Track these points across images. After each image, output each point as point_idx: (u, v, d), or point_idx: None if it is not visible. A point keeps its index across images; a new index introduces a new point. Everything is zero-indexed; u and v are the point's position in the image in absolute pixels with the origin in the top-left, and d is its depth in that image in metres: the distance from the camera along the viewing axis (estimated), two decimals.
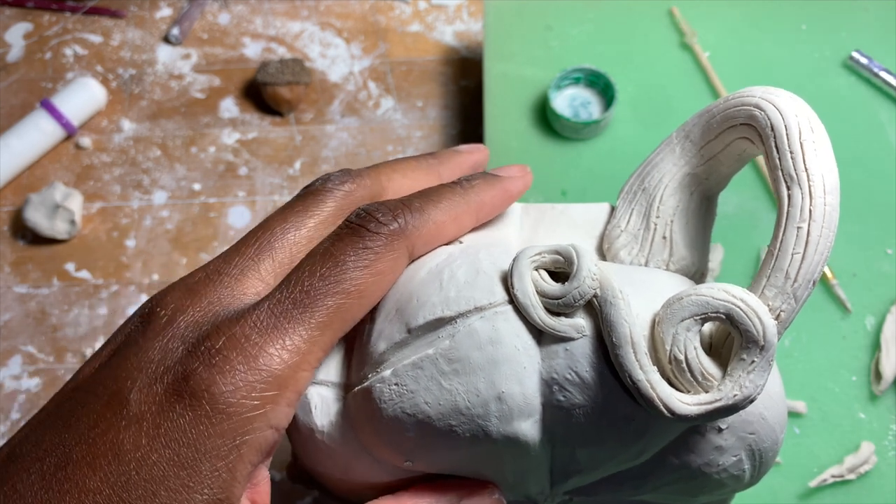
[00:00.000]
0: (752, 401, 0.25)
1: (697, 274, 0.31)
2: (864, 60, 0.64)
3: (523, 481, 0.29)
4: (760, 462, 0.30)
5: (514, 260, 0.28)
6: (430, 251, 0.30)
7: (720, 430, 0.28)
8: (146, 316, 0.26)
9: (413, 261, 0.30)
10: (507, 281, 0.28)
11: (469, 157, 0.34)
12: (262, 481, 0.25)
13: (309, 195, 0.29)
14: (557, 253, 0.28)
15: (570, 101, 0.64)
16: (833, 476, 0.51)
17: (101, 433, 0.23)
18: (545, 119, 0.64)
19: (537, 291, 0.27)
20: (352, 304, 0.26)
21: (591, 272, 0.27)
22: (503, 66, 0.66)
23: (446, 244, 0.31)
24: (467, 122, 0.73)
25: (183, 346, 0.25)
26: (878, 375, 0.54)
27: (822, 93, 0.64)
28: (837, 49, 0.66)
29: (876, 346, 0.55)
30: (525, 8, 0.69)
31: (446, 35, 0.78)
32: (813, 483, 0.51)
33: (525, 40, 0.68)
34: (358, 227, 0.27)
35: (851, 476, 0.51)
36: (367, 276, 0.26)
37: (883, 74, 0.63)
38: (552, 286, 0.27)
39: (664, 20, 0.68)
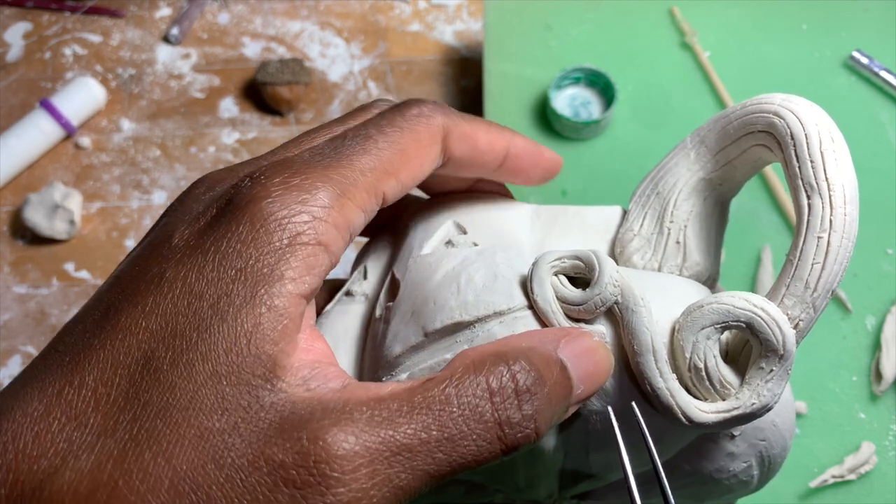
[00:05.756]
0: (769, 409, 0.25)
1: (710, 280, 0.31)
2: (864, 60, 0.64)
3: (534, 486, 0.29)
4: (769, 468, 0.30)
5: (533, 265, 0.27)
6: (463, 155, 0.29)
7: (733, 436, 0.28)
8: (186, 191, 0.26)
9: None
10: (525, 285, 0.27)
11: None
12: (318, 343, 0.24)
13: (356, 110, 0.29)
14: (577, 258, 0.27)
15: (570, 101, 0.64)
16: (833, 476, 0.51)
17: (142, 273, 0.23)
18: (545, 119, 0.64)
19: (557, 297, 0.27)
20: (398, 163, 0.26)
21: (613, 279, 0.26)
22: (503, 66, 0.66)
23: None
24: None
25: (227, 190, 0.24)
26: (879, 375, 0.54)
27: (823, 93, 0.64)
28: (838, 49, 0.66)
29: (876, 346, 0.55)
30: (525, 8, 0.69)
31: (446, 35, 0.78)
32: (813, 483, 0.51)
33: (525, 40, 0.68)
34: (400, 104, 0.27)
35: (852, 476, 0.51)
36: (411, 140, 0.26)
37: (883, 74, 0.63)
38: (573, 292, 0.27)
39: (664, 20, 0.68)
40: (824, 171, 0.26)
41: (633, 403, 0.26)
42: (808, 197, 0.26)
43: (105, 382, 0.21)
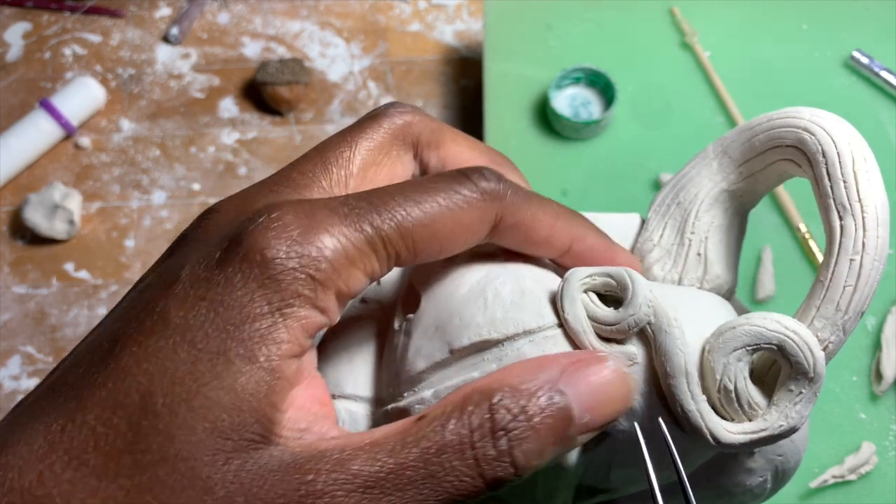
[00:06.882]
0: (795, 431, 0.25)
1: (728, 292, 0.31)
2: (864, 60, 0.64)
3: (552, 499, 0.29)
4: (781, 481, 0.30)
5: (563, 281, 0.27)
6: (511, 244, 0.28)
7: (752, 453, 0.28)
8: (199, 219, 0.26)
9: (475, 266, 0.29)
10: (555, 302, 0.27)
11: None
12: (318, 382, 0.25)
13: (368, 118, 0.28)
14: (609, 276, 0.27)
15: (570, 101, 0.64)
16: (834, 476, 0.51)
17: (149, 308, 0.23)
18: (545, 119, 0.64)
19: (588, 316, 0.26)
20: (422, 237, 0.25)
21: (647, 299, 0.26)
22: (503, 66, 0.66)
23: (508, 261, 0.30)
24: (467, 122, 0.73)
25: (240, 222, 0.24)
26: (879, 376, 0.54)
27: (823, 93, 0.64)
28: (838, 49, 0.66)
29: (876, 347, 0.55)
30: (525, 7, 0.69)
31: (446, 34, 0.78)
32: (814, 483, 0.51)
33: (525, 40, 0.68)
34: (459, 173, 0.26)
35: (852, 476, 0.51)
36: (448, 217, 0.25)
37: (884, 74, 0.63)
38: (605, 311, 0.26)
39: (664, 20, 0.68)
40: (857, 191, 0.26)
41: (661, 421, 0.26)
42: (841, 218, 0.26)
43: (104, 422, 0.21)
